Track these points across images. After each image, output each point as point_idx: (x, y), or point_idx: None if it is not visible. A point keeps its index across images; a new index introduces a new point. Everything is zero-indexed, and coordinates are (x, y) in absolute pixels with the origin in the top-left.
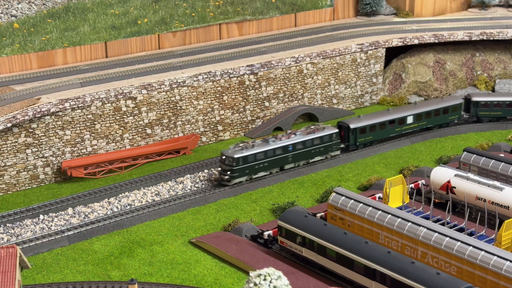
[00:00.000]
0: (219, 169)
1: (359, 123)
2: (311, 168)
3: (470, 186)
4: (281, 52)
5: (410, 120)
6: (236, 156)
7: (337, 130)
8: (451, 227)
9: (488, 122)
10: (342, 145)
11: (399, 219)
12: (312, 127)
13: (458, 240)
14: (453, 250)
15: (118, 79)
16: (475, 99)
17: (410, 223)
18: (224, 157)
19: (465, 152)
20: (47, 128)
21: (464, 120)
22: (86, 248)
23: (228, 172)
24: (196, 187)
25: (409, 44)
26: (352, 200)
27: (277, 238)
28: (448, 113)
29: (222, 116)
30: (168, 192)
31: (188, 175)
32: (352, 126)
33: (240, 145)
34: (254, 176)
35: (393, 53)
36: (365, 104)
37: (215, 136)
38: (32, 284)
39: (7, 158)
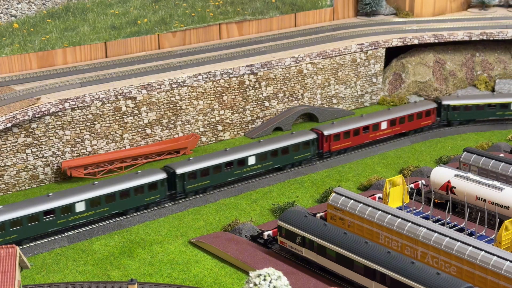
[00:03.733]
0: None
1: None
2: (311, 168)
3: (470, 186)
4: (281, 52)
5: (80, 207)
6: None
7: None
8: (451, 227)
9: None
10: None
11: (399, 219)
12: None
13: (458, 240)
14: (453, 250)
15: (118, 79)
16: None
17: (410, 223)
18: None
19: (465, 152)
20: (47, 128)
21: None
22: (86, 248)
23: None
24: None
25: (409, 44)
26: (352, 200)
27: (277, 238)
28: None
29: (222, 116)
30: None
31: None
32: None
33: None
34: None
35: (393, 53)
36: (365, 104)
37: (215, 136)
38: (32, 284)
39: (7, 158)
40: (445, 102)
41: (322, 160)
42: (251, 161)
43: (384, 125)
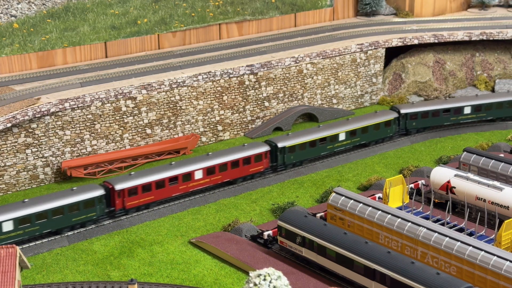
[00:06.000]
0: None
1: None
2: (311, 168)
3: (470, 186)
4: (281, 52)
5: None
6: None
7: None
8: (451, 227)
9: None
10: None
11: (399, 219)
12: None
13: (458, 240)
14: (453, 250)
15: (118, 79)
16: None
17: (410, 223)
18: None
19: (465, 152)
20: (47, 128)
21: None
22: (85, 248)
23: None
24: None
25: (409, 44)
26: (352, 200)
27: (277, 238)
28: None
29: (222, 116)
30: None
31: None
32: None
33: None
34: None
35: (393, 53)
36: (365, 104)
37: (215, 136)
38: (32, 284)
39: (7, 158)
40: (280, 144)
41: (322, 160)
42: (7, 227)
43: (199, 174)
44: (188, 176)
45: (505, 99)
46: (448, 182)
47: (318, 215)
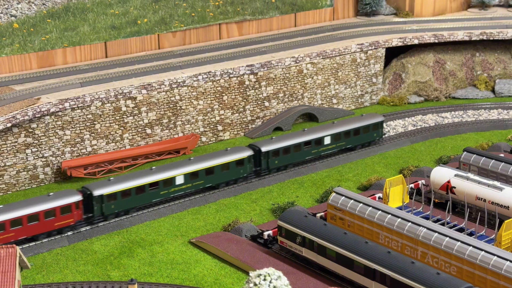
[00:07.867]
0: None
1: None
2: (311, 168)
3: (470, 186)
4: (281, 52)
5: None
6: None
7: None
8: (451, 227)
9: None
10: None
11: (399, 219)
12: None
13: (458, 240)
14: (453, 250)
15: (118, 79)
16: None
17: (410, 223)
18: None
19: (465, 152)
20: (47, 128)
21: None
22: (85, 248)
23: None
24: None
25: (409, 44)
26: (352, 200)
27: (277, 238)
28: None
29: (222, 116)
30: None
31: None
32: None
33: None
34: None
35: (393, 53)
36: (365, 104)
37: (215, 136)
38: (32, 284)
39: (7, 158)
40: (96, 193)
41: (322, 160)
42: None
43: None
44: None
45: (363, 124)
46: (448, 182)
47: (318, 215)
